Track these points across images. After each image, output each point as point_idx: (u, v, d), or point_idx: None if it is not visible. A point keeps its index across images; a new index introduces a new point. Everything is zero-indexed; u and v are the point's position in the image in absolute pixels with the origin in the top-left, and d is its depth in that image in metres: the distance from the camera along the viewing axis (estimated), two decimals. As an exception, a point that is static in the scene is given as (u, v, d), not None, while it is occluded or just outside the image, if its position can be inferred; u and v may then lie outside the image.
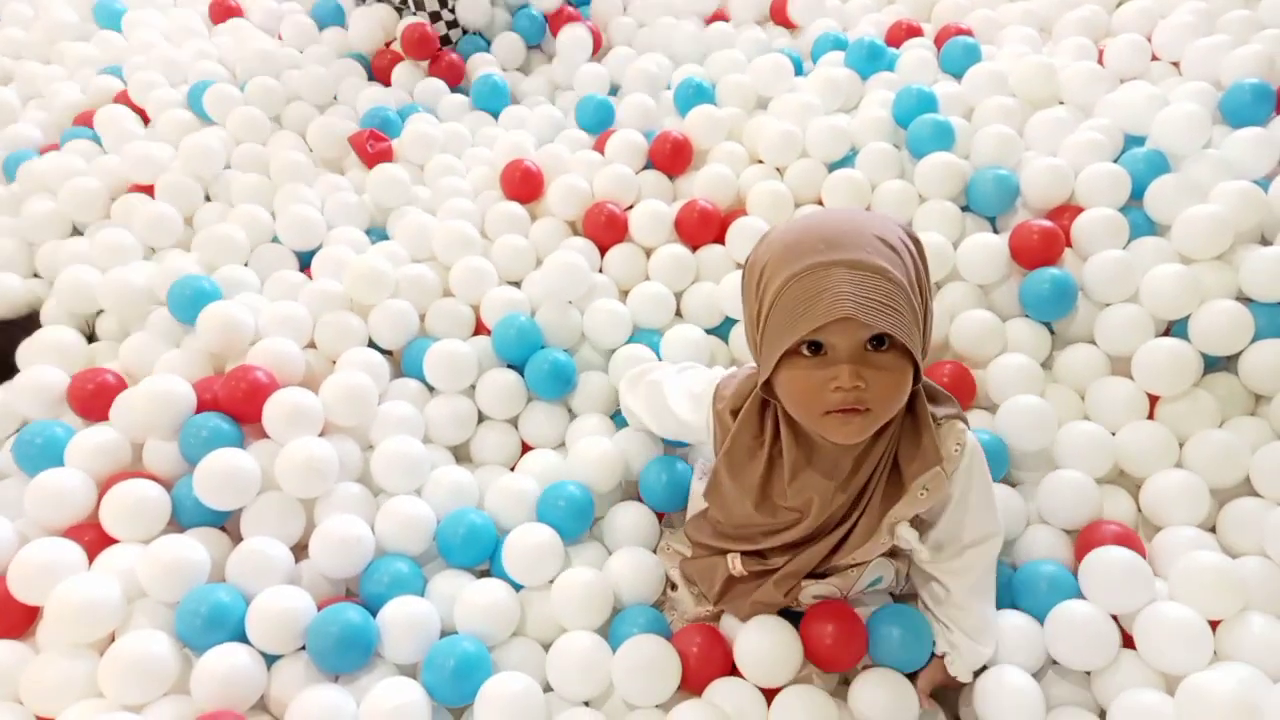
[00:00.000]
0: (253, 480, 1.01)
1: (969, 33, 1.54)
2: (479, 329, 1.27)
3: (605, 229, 1.34)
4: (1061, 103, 1.37)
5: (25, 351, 1.21)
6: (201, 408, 1.08)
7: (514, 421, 1.21)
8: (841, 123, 1.38)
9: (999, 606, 0.95)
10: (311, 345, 1.21)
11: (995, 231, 1.27)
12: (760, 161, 1.41)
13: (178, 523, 1.02)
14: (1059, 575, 0.97)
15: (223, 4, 1.81)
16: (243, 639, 0.91)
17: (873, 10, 1.71)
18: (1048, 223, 1.20)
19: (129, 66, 1.63)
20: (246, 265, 1.31)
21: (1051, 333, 1.20)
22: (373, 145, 1.50)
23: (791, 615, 0.94)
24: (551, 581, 1.01)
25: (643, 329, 1.27)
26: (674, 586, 1.02)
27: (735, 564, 0.91)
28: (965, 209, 1.28)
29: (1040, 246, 1.19)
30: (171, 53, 1.66)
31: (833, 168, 1.36)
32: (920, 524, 0.87)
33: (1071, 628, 0.92)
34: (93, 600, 0.88)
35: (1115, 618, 0.93)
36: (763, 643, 0.91)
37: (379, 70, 1.69)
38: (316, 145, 1.52)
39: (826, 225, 0.72)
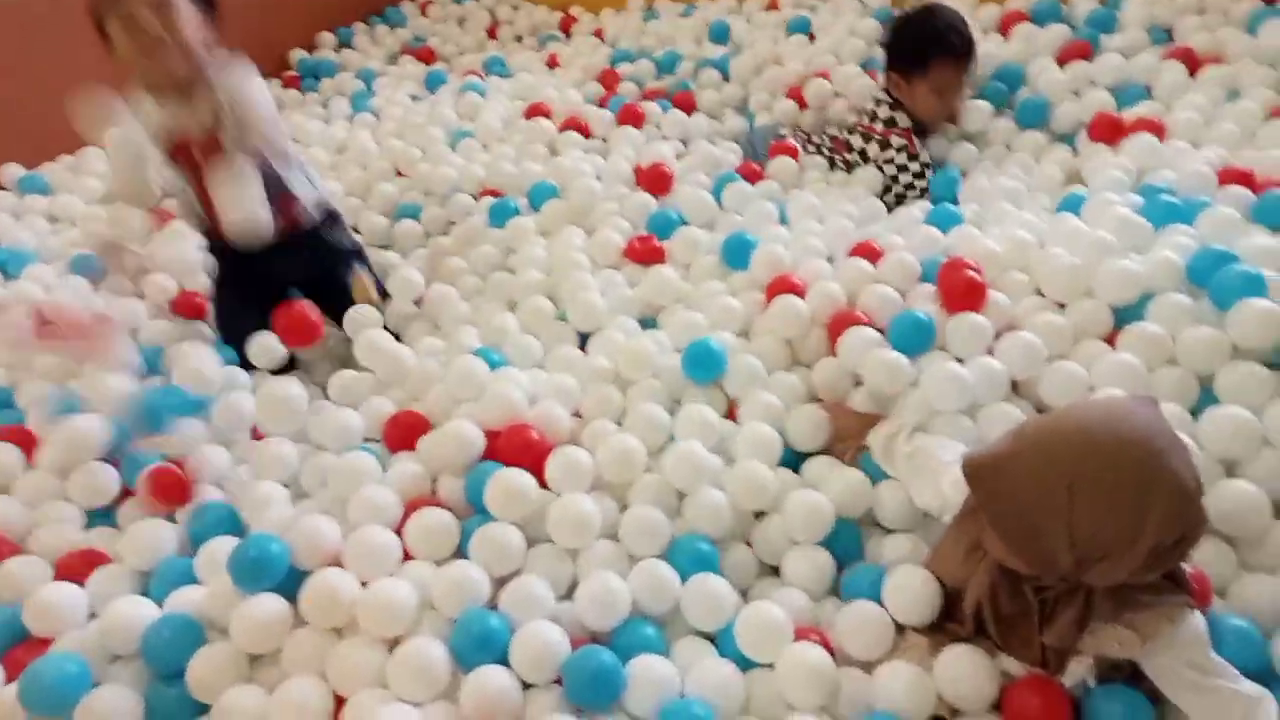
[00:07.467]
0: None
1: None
2: (730, 414, 1.34)
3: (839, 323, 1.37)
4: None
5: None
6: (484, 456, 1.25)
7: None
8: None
9: None
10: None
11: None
12: (1040, 294, 1.38)
13: (461, 551, 1.14)
14: None
15: (538, 107, 2.24)
16: (506, 664, 0.99)
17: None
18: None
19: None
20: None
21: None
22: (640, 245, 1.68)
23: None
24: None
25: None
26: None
27: None
28: (1272, 366, 1.19)
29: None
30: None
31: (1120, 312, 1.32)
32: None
33: None
34: (398, 600, 1.02)
35: None
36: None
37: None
38: (597, 247, 1.70)
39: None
